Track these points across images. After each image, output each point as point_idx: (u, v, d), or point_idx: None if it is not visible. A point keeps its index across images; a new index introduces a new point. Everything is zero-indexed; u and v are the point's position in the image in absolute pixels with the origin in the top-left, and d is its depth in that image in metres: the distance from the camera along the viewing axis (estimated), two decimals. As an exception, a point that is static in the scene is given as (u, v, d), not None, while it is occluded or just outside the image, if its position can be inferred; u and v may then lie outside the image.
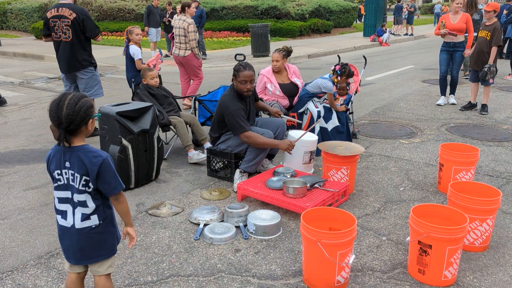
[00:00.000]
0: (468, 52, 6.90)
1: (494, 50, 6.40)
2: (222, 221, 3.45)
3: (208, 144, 4.85)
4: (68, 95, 2.01)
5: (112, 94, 8.70)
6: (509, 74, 9.86)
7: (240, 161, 4.17)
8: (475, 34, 6.89)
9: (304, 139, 4.17)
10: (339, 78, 5.00)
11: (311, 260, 2.59)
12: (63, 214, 2.10)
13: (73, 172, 2.03)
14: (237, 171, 4.15)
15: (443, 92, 7.44)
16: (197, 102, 5.40)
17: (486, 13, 6.51)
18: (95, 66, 5.69)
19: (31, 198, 3.97)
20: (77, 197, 2.06)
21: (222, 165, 4.32)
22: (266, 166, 4.45)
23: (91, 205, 2.08)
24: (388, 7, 22.11)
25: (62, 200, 2.09)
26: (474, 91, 6.89)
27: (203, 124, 5.32)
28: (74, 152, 2.02)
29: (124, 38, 6.05)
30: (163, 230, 3.34)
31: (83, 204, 2.07)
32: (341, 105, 5.40)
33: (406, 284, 2.67)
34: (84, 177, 2.02)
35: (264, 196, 3.63)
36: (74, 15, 5.24)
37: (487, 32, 6.46)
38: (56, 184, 2.09)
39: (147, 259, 2.96)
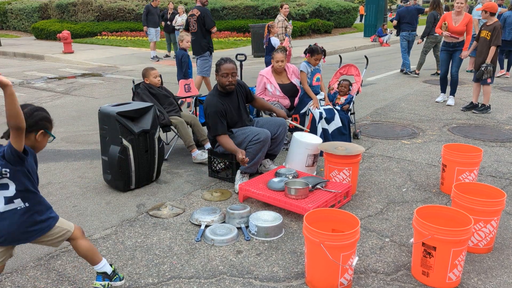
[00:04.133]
0: (465, 53, 6.96)
1: (492, 49, 6.37)
2: (224, 222, 3.42)
3: (209, 145, 4.82)
4: (32, 105, 2.20)
5: (112, 94, 8.68)
6: (500, 71, 9.91)
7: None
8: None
9: (309, 142, 4.14)
10: (308, 56, 5.19)
11: (314, 262, 2.57)
12: None
13: None
14: (238, 172, 4.12)
15: (443, 90, 7.55)
16: (197, 102, 5.38)
17: (483, 13, 6.50)
18: (211, 52, 7.68)
19: (31, 199, 3.93)
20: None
21: (223, 166, 4.30)
22: (268, 166, 4.41)
23: (12, 188, 2.15)
24: (388, 7, 22.05)
25: None
26: (476, 91, 6.87)
27: (204, 124, 5.29)
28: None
29: (265, 31, 8.29)
30: (164, 232, 3.32)
31: (5, 187, 2.14)
32: (342, 105, 5.38)
33: (410, 286, 2.64)
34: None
35: (266, 197, 3.61)
36: (199, 13, 7.47)
37: (487, 32, 6.43)
38: None
39: (148, 260, 2.93)
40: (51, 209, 2.36)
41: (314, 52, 5.11)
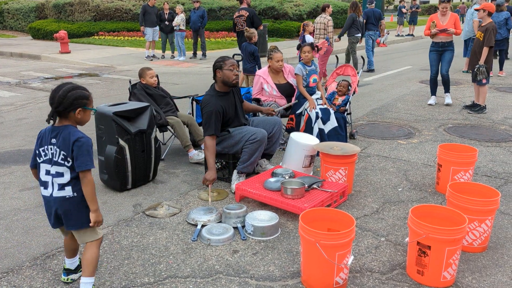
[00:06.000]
0: (434, 31, 6.86)
1: (485, 50, 6.41)
2: (220, 222, 3.43)
3: (205, 145, 4.82)
4: (68, 84, 2.30)
5: (109, 94, 8.67)
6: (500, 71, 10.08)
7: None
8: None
9: (306, 143, 4.15)
10: (299, 53, 5.36)
11: (310, 261, 2.58)
12: (45, 184, 2.37)
13: (56, 147, 2.30)
14: (235, 172, 4.13)
15: (433, 92, 7.48)
16: (194, 102, 5.38)
17: (480, 12, 6.54)
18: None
19: (27, 199, 3.94)
20: (56, 169, 2.32)
21: (220, 166, 4.30)
22: (265, 166, 4.42)
23: (67, 176, 2.32)
24: (385, 7, 22.10)
25: (46, 172, 2.36)
26: (476, 91, 6.91)
27: (200, 124, 5.29)
28: (60, 131, 2.30)
29: (301, 30, 8.76)
30: (160, 231, 3.32)
31: (60, 175, 2.32)
32: (339, 105, 5.39)
33: (405, 285, 2.66)
34: (62, 152, 2.29)
35: (262, 197, 3.62)
36: (247, 13, 8.67)
37: (481, 33, 6.49)
38: (41, 160, 2.37)
39: (144, 260, 2.93)
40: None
41: (300, 46, 5.23)
